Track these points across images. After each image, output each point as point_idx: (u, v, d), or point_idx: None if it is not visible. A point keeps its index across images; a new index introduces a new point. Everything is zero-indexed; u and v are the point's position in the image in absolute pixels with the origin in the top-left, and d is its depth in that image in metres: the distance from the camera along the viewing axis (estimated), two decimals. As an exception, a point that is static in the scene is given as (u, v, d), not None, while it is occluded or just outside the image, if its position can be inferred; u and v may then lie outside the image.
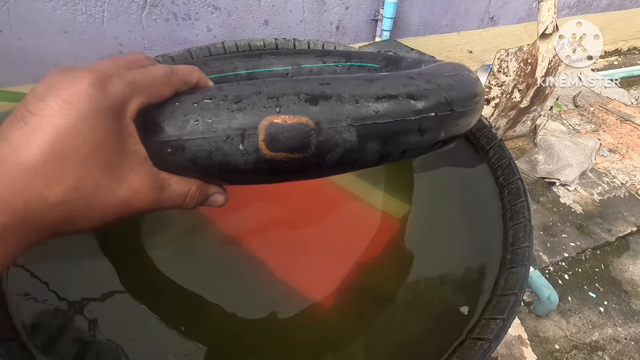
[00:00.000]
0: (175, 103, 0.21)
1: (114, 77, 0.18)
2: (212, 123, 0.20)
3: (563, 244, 0.95)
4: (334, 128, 0.22)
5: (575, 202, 1.06)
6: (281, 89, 0.21)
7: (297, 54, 0.63)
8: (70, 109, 0.16)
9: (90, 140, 0.17)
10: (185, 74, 0.22)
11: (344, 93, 0.22)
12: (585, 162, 1.12)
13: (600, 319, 0.84)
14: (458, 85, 0.28)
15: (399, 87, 0.24)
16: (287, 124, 0.21)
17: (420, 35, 1.27)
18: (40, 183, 0.16)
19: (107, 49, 0.88)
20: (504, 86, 0.98)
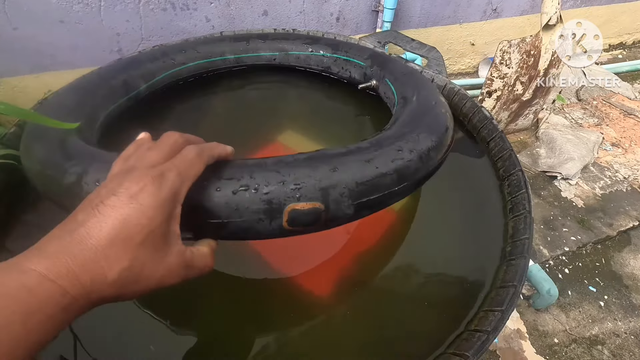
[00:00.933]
0: (217, 189, 0.26)
1: (166, 173, 0.22)
2: (248, 210, 0.26)
3: (564, 238, 0.95)
4: (339, 207, 0.29)
5: (576, 196, 1.05)
6: (301, 178, 0.27)
7: (285, 39, 0.62)
8: (135, 203, 0.20)
9: (147, 229, 0.20)
10: (212, 150, 0.26)
11: (348, 179, 0.29)
12: (588, 156, 1.11)
13: (600, 313, 0.83)
14: (435, 143, 0.36)
15: (389, 163, 0.31)
16: (305, 209, 0.27)
17: (421, 27, 1.25)
18: (104, 263, 0.19)
19: (104, 39, 0.87)
20: (506, 78, 0.97)
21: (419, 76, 0.51)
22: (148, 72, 0.54)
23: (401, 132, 0.35)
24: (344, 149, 0.31)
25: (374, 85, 0.56)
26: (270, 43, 0.62)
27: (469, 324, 0.37)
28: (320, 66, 0.62)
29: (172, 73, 0.57)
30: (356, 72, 0.59)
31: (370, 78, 0.56)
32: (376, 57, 0.57)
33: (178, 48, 0.58)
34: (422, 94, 0.44)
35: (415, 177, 0.34)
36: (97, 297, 0.19)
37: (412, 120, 0.38)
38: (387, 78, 0.53)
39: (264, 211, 0.26)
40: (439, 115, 0.40)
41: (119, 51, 0.91)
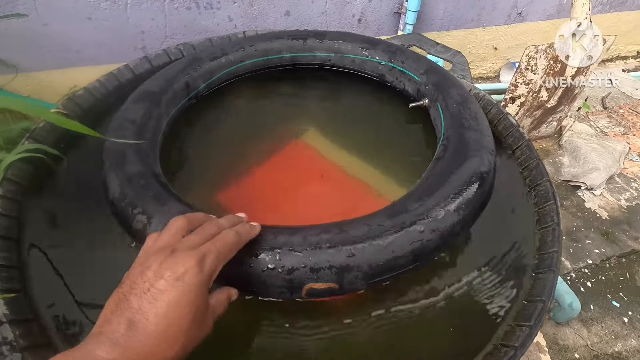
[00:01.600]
0: (250, 266, 0.30)
1: (207, 255, 0.25)
2: (274, 285, 0.30)
3: (587, 250, 0.92)
4: (352, 286, 0.32)
5: (601, 207, 1.02)
6: (320, 263, 0.30)
7: (342, 40, 0.61)
8: (182, 283, 0.23)
9: (195, 307, 0.23)
10: (248, 236, 0.30)
11: (363, 264, 0.31)
12: (614, 167, 1.08)
13: (623, 329, 0.80)
14: (462, 218, 0.36)
15: (406, 246, 0.32)
16: (321, 288, 0.31)
17: (444, 30, 1.23)
18: (165, 346, 0.22)
19: (129, 36, 0.89)
20: (530, 84, 0.94)
21: (472, 110, 0.48)
22: (207, 71, 0.54)
23: (426, 207, 0.35)
24: (365, 227, 0.32)
25: (425, 104, 0.54)
26: (327, 43, 0.61)
27: (495, 338, 0.36)
28: (375, 72, 0.60)
29: (230, 71, 0.57)
30: (410, 86, 0.57)
31: (424, 96, 0.54)
32: (433, 73, 0.54)
33: (237, 45, 0.58)
34: (466, 139, 0.43)
35: (432, 256, 0.35)
36: None
37: (441, 189, 0.37)
38: (439, 103, 0.50)
39: (287, 287, 0.30)
40: (472, 182, 0.38)
41: (142, 48, 0.92)
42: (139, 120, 0.43)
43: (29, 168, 0.44)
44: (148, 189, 0.35)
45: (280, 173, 0.50)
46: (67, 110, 0.52)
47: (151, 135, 0.43)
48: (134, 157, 0.39)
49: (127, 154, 0.39)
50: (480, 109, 0.49)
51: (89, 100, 0.54)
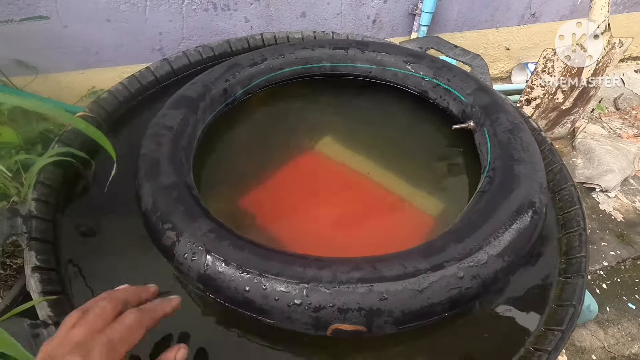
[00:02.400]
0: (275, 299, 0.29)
1: (92, 350, 0.22)
2: (299, 321, 0.29)
3: (602, 252, 0.92)
4: (381, 330, 0.30)
5: (615, 209, 1.02)
6: (349, 304, 0.28)
7: (385, 52, 0.59)
8: None
9: None
10: (154, 313, 0.27)
11: (395, 310, 0.29)
12: (628, 169, 1.08)
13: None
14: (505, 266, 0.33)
15: (444, 293, 0.30)
16: (348, 330, 0.29)
17: (457, 31, 1.23)
18: None
19: (147, 38, 0.89)
20: (547, 87, 0.94)
21: (523, 139, 0.44)
22: (246, 78, 0.54)
23: (469, 250, 0.32)
24: (400, 268, 0.30)
25: (470, 127, 0.50)
26: (369, 55, 0.58)
27: (527, 342, 0.37)
28: (418, 88, 0.58)
29: (268, 78, 0.56)
30: (455, 106, 0.54)
31: (469, 118, 0.51)
32: (481, 94, 0.51)
33: (276, 52, 0.57)
34: (516, 172, 0.39)
35: (470, 303, 0.34)
36: None
37: (486, 230, 0.34)
38: (486, 128, 0.47)
39: (312, 324, 0.29)
40: (522, 223, 0.35)
41: (160, 50, 0.92)
42: (176, 127, 0.43)
43: (59, 171, 0.45)
44: (180, 203, 0.35)
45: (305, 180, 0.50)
46: (93, 113, 0.52)
47: (187, 142, 0.43)
48: (168, 167, 0.38)
49: (162, 163, 0.39)
50: (533, 139, 0.45)
51: (113, 103, 0.55)
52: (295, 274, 0.29)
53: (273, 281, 0.29)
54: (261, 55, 0.56)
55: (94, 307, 0.25)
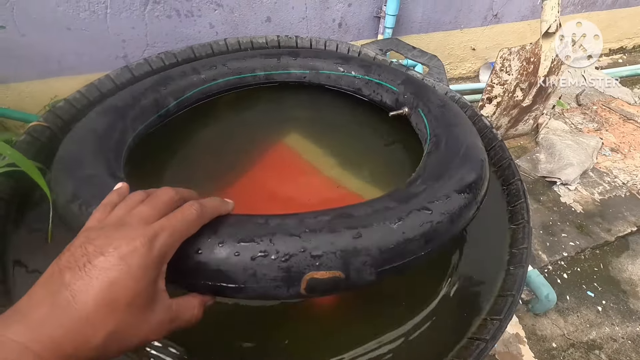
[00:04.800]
0: (236, 254, 0.25)
1: (159, 234, 0.21)
2: (266, 277, 0.25)
3: (562, 243, 0.96)
4: (360, 276, 0.27)
5: (575, 201, 1.06)
6: (322, 246, 0.26)
7: (317, 57, 0.62)
8: (124, 264, 0.19)
9: (134, 291, 0.20)
10: (213, 211, 0.25)
11: (372, 247, 0.27)
12: (587, 162, 1.12)
13: (598, 318, 0.84)
14: (467, 201, 0.34)
15: (417, 228, 0.29)
16: (324, 278, 0.26)
17: (423, 32, 1.26)
18: (89, 330, 0.18)
19: (109, 45, 0.88)
20: (506, 85, 0.98)
21: (454, 110, 0.49)
22: (178, 89, 0.54)
23: (432, 190, 0.33)
24: (370, 208, 0.29)
25: (405, 113, 0.54)
26: (301, 61, 0.61)
27: (469, 332, 0.39)
28: (352, 87, 0.61)
29: (202, 89, 0.56)
30: (388, 97, 0.57)
31: (403, 105, 0.55)
32: (410, 83, 0.55)
33: (208, 64, 0.58)
34: (456, 133, 0.43)
35: (443, 240, 0.32)
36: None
37: (444, 174, 0.36)
38: (420, 109, 0.51)
39: (282, 279, 0.26)
40: (474, 165, 0.37)
41: (124, 57, 0.92)
42: (100, 130, 0.41)
43: (9, 182, 0.44)
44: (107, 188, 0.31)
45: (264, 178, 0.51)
46: (49, 122, 0.52)
47: (114, 145, 0.41)
48: (92, 162, 0.36)
49: (83, 160, 0.36)
50: (461, 111, 0.51)
51: (70, 112, 0.54)
52: (256, 224, 0.27)
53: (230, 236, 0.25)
54: (192, 68, 0.57)
55: (159, 192, 0.24)
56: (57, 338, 0.18)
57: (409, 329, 0.38)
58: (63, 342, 0.18)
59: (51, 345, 0.17)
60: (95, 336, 0.18)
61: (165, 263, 0.22)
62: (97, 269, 0.19)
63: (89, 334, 0.18)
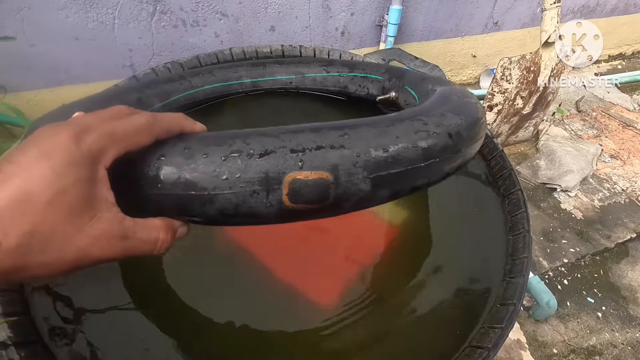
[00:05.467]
0: (204, 155, 0.21)
1: (91, 130, 0.19)
2: (240, 179, 0.21)
3: (563, 250, 0.97)
4: (351, 180, 0.24)
5: (575, 208, 1.07)
6: (304, 143, 0.23)
7: (301, 62, 0.64)
8: (44, 159, 0.17)
9: (56, 186, 0.17)
10: (170, 123, 0.22)
11: (362, 146, 0.24)
12: (587, 168, 1.13)
13: (598, 324, 0.85)
14: (465, 124, 0.30)
15: (412, 134, 0.26)
16: (309, 179, 0.22)
17: (424, 40, 1.28)
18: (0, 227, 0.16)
19: (116, 54, 0.90)
20: (506, 93, 0.99)
21: (440, 79, 0.50)
22: (163, 92, 0.54)
23: (424, 108, 0.30)
24: (357, 120, 0.26)
25: (393, 97, 0.55)
26: (286, 67, 0.63)
27: (470, 341, 0.40)
28: (337, 86, 0.62)
29: (187, 95, 0.58)
30: (374, 87, 0.58)
31: (389, 90, 0.56)
32: (393, 70, 0.57)
33: (195, 72, 0.60)
34: (444, 86, 0.41)
35: (444, 156, 0.28)
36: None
37: (436, 101, 0.33)
38: (407, 86, 0.51)
39: (260, 181, 0.22)
40: (465, 100, 0.34)
41: (131, 66, 0.93)
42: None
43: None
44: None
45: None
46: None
47: None
48: None
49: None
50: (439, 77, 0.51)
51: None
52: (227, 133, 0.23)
53: (197, 141, 0.22)
54: (179, 75, 0.58)
55: (121, 107, 0.22)
56: None
57: (410, 337, 0.39)
58: None
59: None
60: (6, 235, 0.16)
61: (99, 164, 0.19)
62: (14, 164, 0.17)
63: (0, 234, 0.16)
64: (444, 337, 0.40)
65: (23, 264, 0.17)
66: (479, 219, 0.52)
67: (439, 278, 0.45)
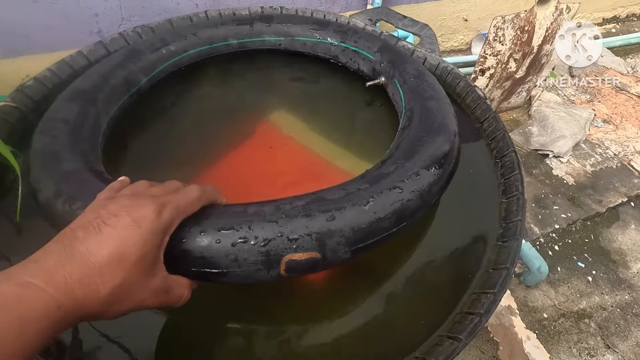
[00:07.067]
0: (217, 241, 0.26)
1: (167, 206, 0.24)
2: (247, 261, 0.27)
3: (554, 216, 0.96)
4: (336, 254, 0.29)
5: (567, 173, 1.06)
6: (298, 230, 0.28)
7: (290, 22, 0.59)
8: (136, 227, 0.21)
9: (142, 251, 0.22)
10: (213, 195, 0.28)
11: (345, 227, 0.29)
12: (579, 134, 1.11)
13: (588, 287, 0.85)
14: (439, 178, 0.36)
15: (388, 207, 0.31)
16: (302, 259, 0.28)
17: (413, 2, 1.22)
18: (100, 280, 0.20)
19: (81, 20, 0.83)
20: (499, 56, 0.95)
21: (429, 81, 0.49)
22: (148, 65, 0.51)
23: (403, 169, 0.34)
24: (342, 192, 0.31)
25: (382, 83, 0.54)
26: (275, 27, 0.59)
27: (462, 307, 0.38)
28: (328, 54, 0.60)
29: (173, 62, 0.54)
30: (365, 65, 0.57)
31: (379, 74, 0.55)
32: (386, 50, 0.54)
33: (178, 34, 0.55)
34: (430, 107, 0.44)
35: (414, 217, 0.34)
36: (84, 312, 0.20)
37: (415, 152, 0.37)
38: (396, 79, 0.51)
39: (262, 262, 0.27)
40: (444, 141, 0.39)
41: (99, 32, 0.86)
42: (72, 119, 0.39)
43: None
44: (90, 183, 0.32)
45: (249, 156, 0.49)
46: (17, 103, 0.48)
47: (89, 134, 0.39)
48: (69, 156, 0.35)
49: (60, 153, 0.35)
50: (436, 80, 0.50)
51: (41, 91, 0.51)
52: (235, 212, 0.28)
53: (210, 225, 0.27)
54: (161, 39, 0.53)
55: (171, 182, 0.27)
56: (71, 283, 0.19)
57: (400, 305, 0.38)
58: (75, 288, 0.19)
59: (65, 288, 0.19)
60: (104, 286, 0.20)
61: (168, 234, 0.24)
62: (111, 227, 0.21)
63: (99, 284, 0.20)
64: (433, 304, 0.38)
65: (105, 310, 0.21)
66: (470, 182, 0.50)
67: (428, 243, 0.43)
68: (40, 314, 0.18)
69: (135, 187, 0.26)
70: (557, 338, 0.76)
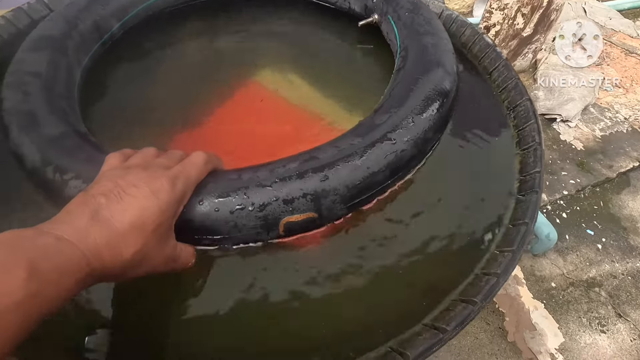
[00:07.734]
0: (216, 210, 0.27)
1: (179, 177, 0.25)
2: (246, 226, 0.28)
3: (562, 182, 0.91)
4: (331, 212, 0.30)
5: (576, 138, 1.01)
6: (293, 192, 0.28)
7: None
8: (154, 198, 0.23)
9: (159, 220, 0.23)
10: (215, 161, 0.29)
11: (339, 186, 0.29)
12: (589, 96, 1.05)
13: (597, 255, 0.81)
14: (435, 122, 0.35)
15: (381, 161, 0.31)
16: (299, 220, 0.29)
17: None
18: (123, 244, 0.21)
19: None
20: (506, 10, 0.88)
21: (425, 15, 0.45)
22: (119, 8, 0.46)
23: (395, 117, 0.33)
24: (334, 149, 0.30)
25: (375, 21, 0.49)
26: None
27: (477, 267, 0.33)
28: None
29: (147, 6, 0.48)
30: (356, 3, 0.52)
31: (372, 11, 0.50)
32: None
33: None
34: (425, 44, 0.41)
35: (409, 165, 0.34)
36: (106, 273, 0.21)
37: (408, 97, 0.35)
38: (390, 15, 0.47)
39: (261, 226, 0.28)
40: (439, 82, 0.37)
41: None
42: (44, 72, 0.36)
43: None
44: (78, 149, 0.31)
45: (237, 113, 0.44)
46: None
47: (64, 89, 0.36)
48: (49, 116, 0.33)
49: (38, 114, 0.33)
50: (433, 14, 0.47)
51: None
52: (230, 180, 0.28)
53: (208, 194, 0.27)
54: None
55: (171, 151, 0.28)
56: (99, 246, 0.20)
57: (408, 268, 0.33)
58: (102, 251, 0.20)
59: (94, 248, 0.20)
60: (127, 251, 0.22)
61: (182, 205, 0.25)
62: (131, 196, 0.22)
63: (122, 248, 0.21)
64: (445, 266, 0.33)
65: (124, 273, 0.22)
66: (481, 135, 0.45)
67: (440, 201, 0.38)
68: (75, 268, 0.19)
69: (145, 157, 0.27)
70: (566, 307, 0.73)
